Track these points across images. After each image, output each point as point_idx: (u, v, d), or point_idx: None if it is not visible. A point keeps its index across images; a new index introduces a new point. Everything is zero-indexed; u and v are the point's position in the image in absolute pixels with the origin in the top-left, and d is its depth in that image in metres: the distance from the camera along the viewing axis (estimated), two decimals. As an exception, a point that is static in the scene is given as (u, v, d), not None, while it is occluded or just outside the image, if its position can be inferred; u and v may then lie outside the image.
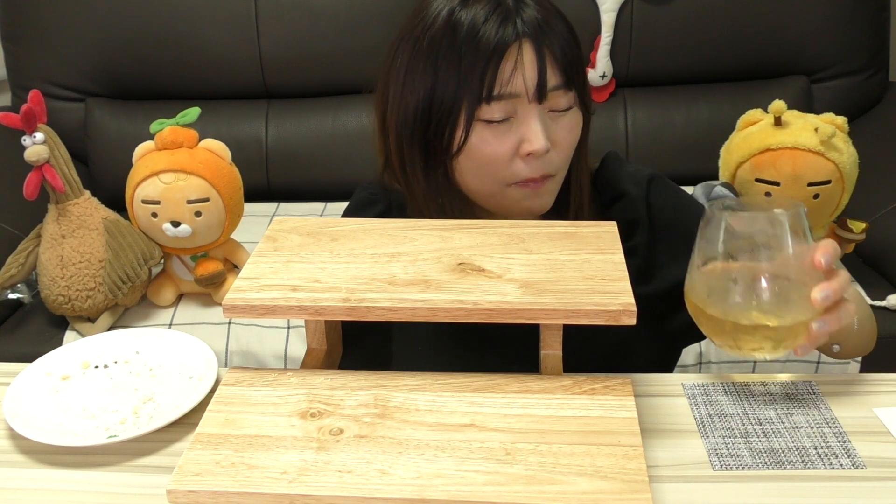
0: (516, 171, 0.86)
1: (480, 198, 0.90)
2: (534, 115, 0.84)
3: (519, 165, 0.85)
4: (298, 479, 0.59)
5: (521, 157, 0.85)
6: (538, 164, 0.85)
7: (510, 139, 0.85)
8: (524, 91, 0.83)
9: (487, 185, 0.88)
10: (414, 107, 0.86)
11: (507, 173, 0.86)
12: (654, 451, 0.69)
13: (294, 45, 2.08)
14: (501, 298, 0.68)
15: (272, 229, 0.81)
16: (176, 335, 0.87)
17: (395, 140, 0.90)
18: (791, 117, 1.51)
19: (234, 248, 1.64)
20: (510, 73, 0.82)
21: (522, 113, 0.84)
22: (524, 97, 0.83)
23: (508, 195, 0.88)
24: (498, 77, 0.82)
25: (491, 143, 0.84)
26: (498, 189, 0.88)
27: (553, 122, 0.86)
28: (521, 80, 0.83)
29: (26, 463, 0.72)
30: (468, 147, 0.85)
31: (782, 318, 0.69)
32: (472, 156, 0.85)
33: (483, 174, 0.87)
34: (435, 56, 0.84)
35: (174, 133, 1.52)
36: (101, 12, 2.06)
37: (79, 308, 1.53)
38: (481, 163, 0.86)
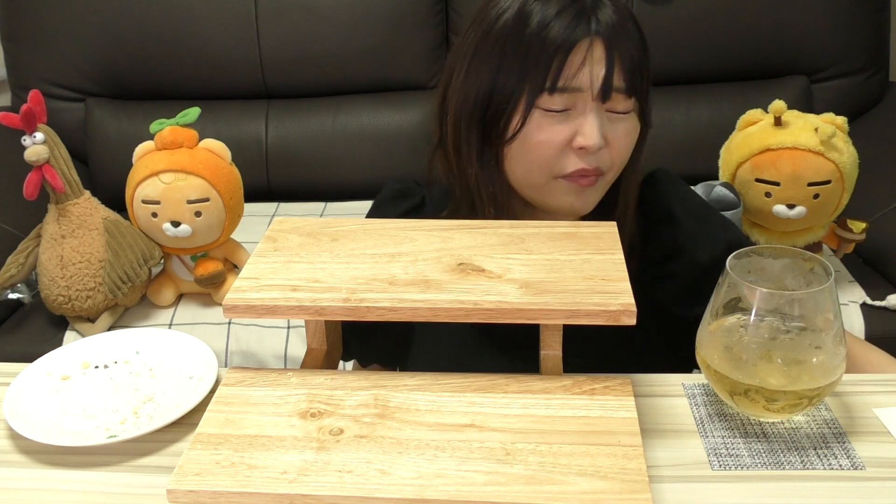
0: (565, 164, 0.86)
1: (527, 189, 0.90)
2: (592, 110, 0.85)
3: (569, 157, 0.86)
4: (298, 479, 0.59)
5: (572, 150, 0.85)
6: (589, 159, 0.86)
7: (565, 130, 0.85)
8: (588, 87, 0.84)
9: (535, 174, 0.88)
10: (476, 90, 0.87)
11: (556, 164, 0.86)
12: (654, 451, 0.69)
13: (294, 45, 2.08)
14: (501, 298, 0.68)
15: (272, 229, 0.81)
16: (176, 335, 0.87)
17: (454, 122, 0.90)
18: (791, 117, 1.51)
19: (234, 248, 1.64)
20: (578, 67, 0.83)
21: (582, 107, 0.85)
22: (587, 93, 0.84)
23: (555, 188, 0.88)
24: (565, 69, 0.83)
25: (545, 131, 0.85)
26: (545, 180, 0.88)
27: (610, 123, 0.86)
28: (587, 75, 0.83)
29: (26, 463, 0.72)
30: (523, 134, 0.86)
31: (795, 382, 0.68)
32: (526, 143, 0.86)
33: (533, 163, 0.87)
34: (503, 42, 0.85)
35: (174, 133, 1.52)
36: (101, 12, 2.06)
37: (79, 308, 1.53)
38: (533, 150, 0.86)
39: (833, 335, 0.68)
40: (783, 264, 0.73)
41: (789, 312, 0.69)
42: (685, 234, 0.94)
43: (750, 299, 0.69)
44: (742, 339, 0.70)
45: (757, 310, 0.69)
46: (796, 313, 0.69)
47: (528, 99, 0.84)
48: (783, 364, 0.68)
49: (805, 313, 0.68)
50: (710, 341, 0.71)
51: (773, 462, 0.68)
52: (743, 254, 0.72)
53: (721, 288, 0.71)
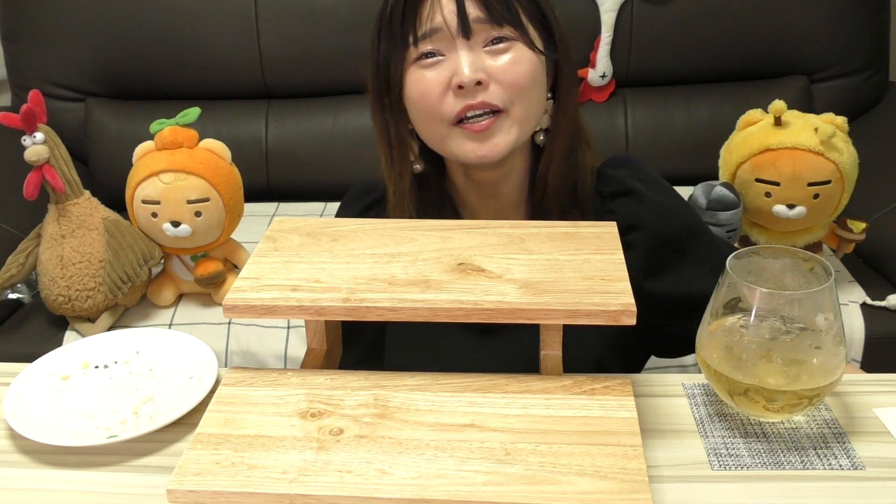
0: (452, 107, 0.87)
1: (433, 145, 0.92)
2: (463, 48, 0.86)
3: (452, 100, 0.87)
4: (298, 479, 0.59)
5: (453, 92, 0.87)
6: (472, 96, 0.86)
7: (441, 74, 0.87)
8: (445, 26, 0.86)
9: (433, 127, 0.90)
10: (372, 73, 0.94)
11: (444, 110, 0.87)
12: (654, 451, 0.69)
13: (294, 45, 2.08)
14: (501, 298, 0.68)
15: (272, 229, 0.81)
16: (176, 335, 0.87)
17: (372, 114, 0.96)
18: (791, 117, 1.51)
19: (234, 248, 1.64)
20: (429, 10, 0.86)
21: (451, 48, 0.87)
22: (446, 31, 0.86)
23: (454, 137, 0.89)
24: (418, 17, 0.86)
25: (423, 80, 0.88)
26: (444, 130, 0.89)
27: (490, 57, 0.87)
28: (440, 14, 0.86)
29: (26, 463, 0.72)
30: (406, 91, 0.89)
31: (794, 382, 0.68)
32: (411, 98, 0.89)
33: (424, 116, 0.89)
34: (380, 14, 0.91)
35: (174, 133, 1.52)
36: (101, 12, 2.06)
37: (79, 308, 1.53)
38: (419, 103, 0.89)
39: (833, 335, 0.68)
40: (783, 264, 0.73)
41: (789, 312, 0.69)
42: (646, 206, 0.94)
43: (750, 299, 0.69)
44: (742, 339, 0.70)
45: (757, 310, 0.69)
46: (796, 313, 0.69)
47: (399, 57, 0.88)
48: (783, 364, 0.68)
49: (805, 313, 0.68)
50: (710, 341, 0.71)
51: (773, 462, 0.68)
52: (743, 254, 0.72)
53: (721, 288, 0.71)
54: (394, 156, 0.94)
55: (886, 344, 1.54)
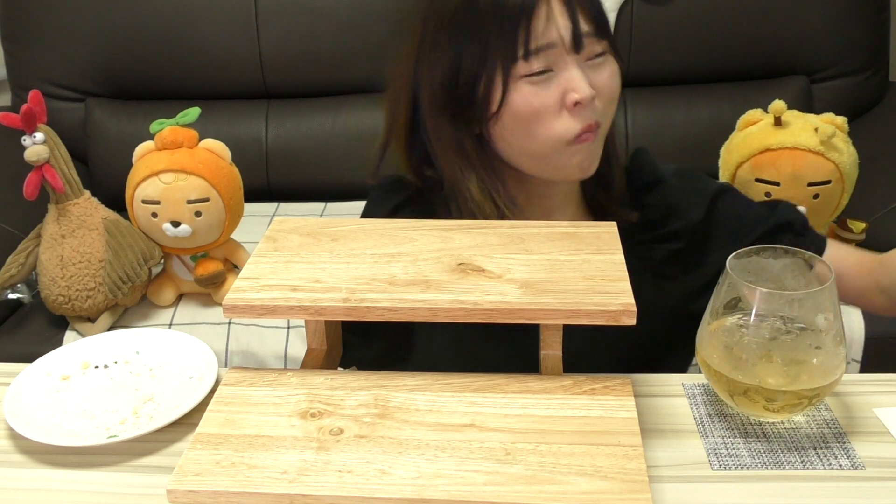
0: (568, 126, 0.85)
1: (529, 160, 0.89)
2: (573, 64, 0.84)
3: (567, 119, 0.85)
4: (298, 479, 0.59)
5: (567, 110, 0.85)
6: (587, 114, 0.85)
7: (553, 92, 0.84)
8: (560, 41, 0.83)
9: (538, 145, 0.87)
10: (441, 80, 0.87)
11: (558, 129, 0.85)
12: (654, 451, 0.69)
13: (294, 45, 2.08)
14: (501, 298, 0.68)
15: (272, 229, 0.81)
16: (176, 335, 0.87)
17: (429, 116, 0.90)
18: (791, 117, 1.51)
19: (234, 248, 1.64)
20: (543, 25, 0.82)
21: (561, 64, 0.84)
22: (560, 47, 0.83)
23: (562, 154, 0.87)
24: (532, 31, 0.82)
25: (534, 98, 0.84)
26: (549, 149, 0.87)
27: (593, 71, 0.86)
28: (555, 30, 0.83)
29: (26, 463, 0.72)
30: (511, 107, 0.85)
31: (794, 382, 0.68)
32: (518, 115, 0.85)
33: (531, 134, 0.86)
34: (460, 26, 0.85)
35: (174, 133, 1.52)
36: (101, 12, 2.06)
37: (79, 308, 1.53)
38: (528, 121, 0.85)
39: (833, 335, 0.68)
40: (783, 264, 0.73)
41: (789, 312, 0.69)
42: (675, 192, 0.96)
43: (750, 299, 0.69)
44: (742, 339, 0.70)
45: (757, 310, 0.69)
46: (796, 313, 0.69)
47: (504, 71, 0.84)
48: (783, 364, 0.68)
49: (805, 313, 0.68)
50: (710, 341, 0.71)
51: (773, 462, 0.68)
52: (743, 254, 0.72)
53: (721, 288, 0.71)
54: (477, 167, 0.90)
55: (886, 344, 1.54)
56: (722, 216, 0.96)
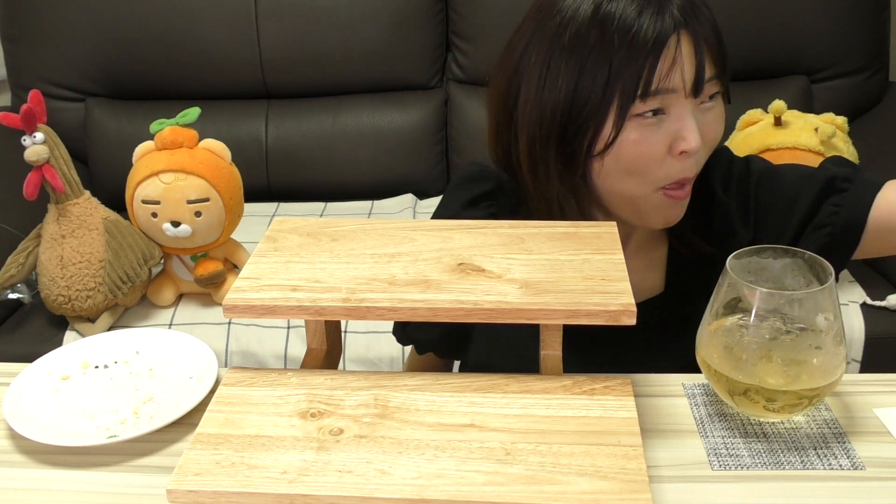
0: (669, 172, 0.82)
1: (621, 202, 0.86)
2: (688, 111, 0.80)
3: (671, 165, 0.82)
4: (298, 479, 0.59)
5: (673, 157, 0.81)
6: (690, 164, 0.82)
7: (663, 137, 0.81)
8: (682, 86, 0.79)
9: (634, 187, 0.84)
10: (553, 104, 0.82)
11: (659, 174, 0.82)
12: (654, 451, 0.69)
13: (294, 45, 2.09)
14: (501, 298, 0.68)
15: (272, 229, 0.81)
16: (176, 335, 0.87)
17: (528, 141, 0.85)
18: (791, 117, 1.51)
19: (234, 248, 1.64)
20: (669, 67, 0.78)
21: (676, 109, 0.80)
22: (681, 92, 0.80)
23: (653, 201, 0.84)
24: (657, 72, 0.78)
25: (643, 142, 0.81)
26: (644, 193, 0.84)
27: (702, 116, 0.82)
28: (679, 75, 0.79)
29: (26, 463, 0.72)
30: (618, 146, 0.81)
31: (794, 382, 0.68)
32: (623, 155, 0.81)
33: (632, 175, 0.83)
34: (582, 51, 0.80)
35: (174, 133, 1.52)
36: (101, 12, 2.06)
37: (79, 308, 1.53)
38: (632, 163, 0.82)
39: (833, 335, 0.68)
40: (783, 264, 0.73)
41: (789, 312, 0.69)
42: (726, 209, 0.92)
43: (750, 299, 0.69)
44: (742, 339, 0.70)
45: (757, 310, 0.69)
46: (796, 313, 0.69)
47: (620, 108, 0.79)
48: (783, 364, 0.68)
49: (805, 313, 0.68)
50: (710, 341, 0.71)
51: (773, 462, 0.68)
52: (743, 254, 0.72)
53: (721, 288, 0.71)
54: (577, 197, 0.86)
55: (886, 344, 1.54)
56: (762, 224, 0.92)
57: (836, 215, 0.88)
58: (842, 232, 0.87)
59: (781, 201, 0.91)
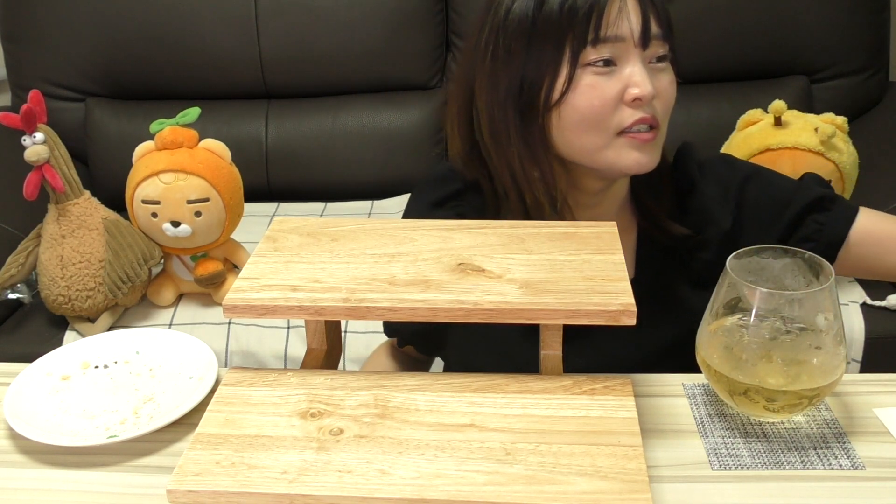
0: (623, 118, 0.86)
1: (583, 154, 0.89)
2: (638, 59, 0.85)
3: (624, 111, 0.86)
4: (298, 479, 0.59)
5: (626, 104, 0.85)
6: (646, 109, 0.86)
7: (616, 84, 0.85)
8: (629, 34, 0.84)
9: (593, 136, 0.87)
10: (509, 61, 0.87)
11: (613, 121, 0.86)
12: (654, 451, 0.69)
13: (294, 45, 2.08)
14: (501, 298, 0.68)
15: (272, 229, 0.81)
16: (176, 335, 0.87)
17: (487, 105, 0.90)
18: (791, 117, 1.51)
19: (234, 248, 1.64)
20: (616, 15, 0.84)
21: (626, 58, 0.85)
22: (629, 41, 0.84)
23: (616, 146, 0.87)
24: (604, 18, 0.84)
25: (596, 89, 0.85)
26: (605, 140, 0.87)
27: (654, 73, 0.87)
28: (626, 23, 0.84)
29: (26, 463, 0.72)
30: (573, 96, 0.85)
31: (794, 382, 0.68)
32: (578, 104, 0.86)
33: (588, 124, 0.86)
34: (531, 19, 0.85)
35: (174, 133, 1.52)
36: (101, 12, 2.06)
37: (79, 308, 1.53)
38: (587, 111, 0.86)
39: (833, 335, 0.68)
40: (783, 264, 0.73)
41: (789, 312, 0.69)
42: (708, 197, 0.95)
43: (750, 299, 0.69)
44: (742, 339, 0.70)
45: (757, 310, 0.69)
46: (796, 313, 0.69)
47: (572, 55, 0.84)
48: (783, 364, 0.68)
49: (805, 313, 0.68)
50: (710, 341, 0.71)
51: (773, 462, 0.68)
52: (743, 254, 0.72)
53: (721, 288, 0.71)
54: (542, 163, 0.90)
55: (886, 344, 1.54)
56: (748, 218, 0.95)
57: (819, 232, 0.92)
58: (823, 248, 0.92)
59: (773, 203, 0.95)
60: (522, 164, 0.89)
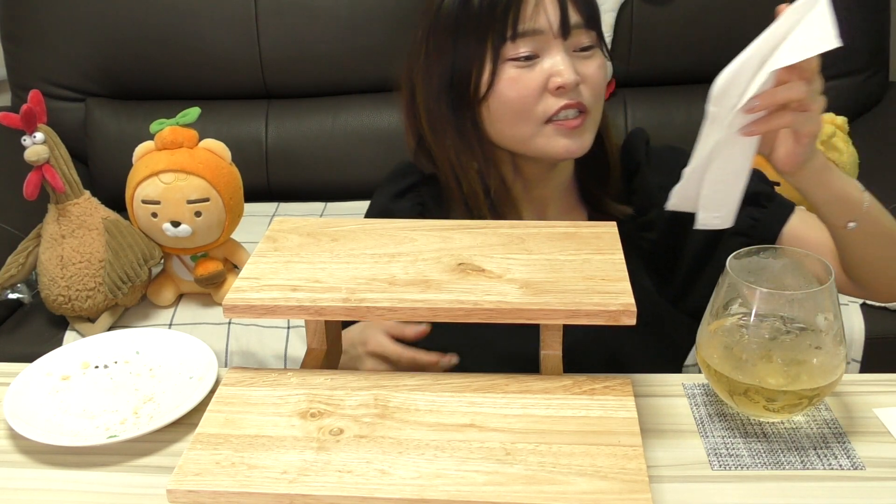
0: (548, 107, 0.88)
1: (515, 143, 0.92)
2: (559, 49, 0.88)
3: (550, 100, 0.88)
4: (298, 479, 0.59)
5: (550, 93, 0.88)
6: (570, 95, 0.88)
7: (538, 76, 0.88)
8: (548, 27, 0.87)
9: (522, 126, 0.90)
10: (440, 59, 0.91)
11: (539, 110, 0.89)
12: (654, 451, 0.69)
13: (294, 45, 2.08)
14: (501, 298, 0.68)
15: (272, 229, 0.81)
16: (176, 335, 0.87)
17: (425, 100, 0.94)
18: (791, 117, 1.50)
19: (234, 248, 1.64)
20: (532, 9, 0.87)
21: (548, 50, 0.88)
22: (548, 33, 0.87)
23: (545, 134, 0.90)
24: (521, 13, 0.87)
25: (519, 81, 0.88)
26: (534, 129, 0.90)
27: (579, 62, 0.89)
28: (543, 16, 0.87)
29: (26, 463, 0.72)
30: (498, 89, 0.89)
31: (794, 382, 0.68)
32: (504, 96, 0.89)
33: (515, 115, 0.90)
34: (456, 16, 0.89)
35: (174, 133, 1.52)
36: (101, 12, 2.06)
37: (79, 308, 1.53)
38: (513, 102, 0.89)
39: (833, 335, 0.68)
40: (783, 264, 0.73)
41: (789, 312, 0.69)
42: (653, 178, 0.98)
43: (750, 299, 0.69)
44: (742, 339, 0.70)
45: (757, 310, 0.69)
46: (796, 313, 0.69)
47: (494, 53, 0.88)
48: (783, 364, 0.68)
49: (805, 313, 0.68)
50: (710, 341, 0.71)
51: (773, 462, 0.68)
52: (743, 254, 0.72)
53: (721, 288, 0.71)
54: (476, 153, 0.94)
55: (886, 344, 1.54)
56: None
57: (753, 228, 0.94)
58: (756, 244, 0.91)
59: None
60: (458, 155, 0.93)
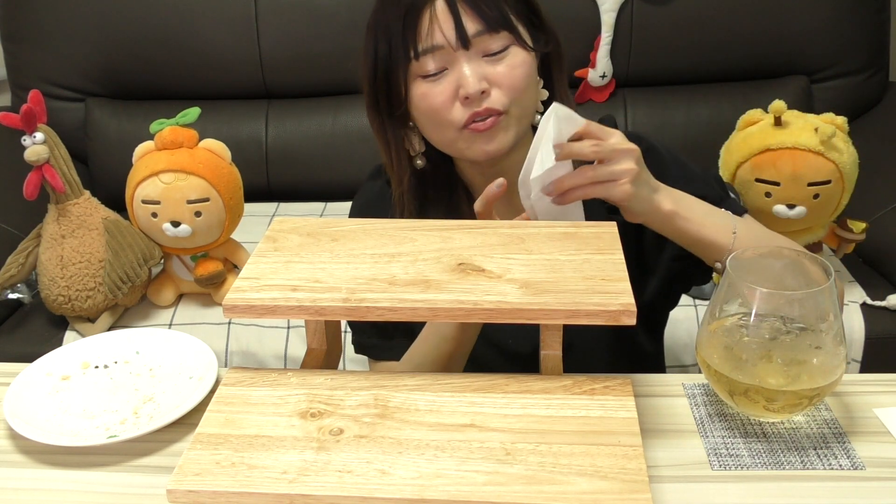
0: (460, 115, 0.91)
1: (444, 146, 0.97)
2: (462, 61, 0.90)
3: (459, 110, 0.91)
4: (298, 479, 0.59)
5: (460, 102, 0.91)
6: (476, 104, 0.91)
7: (447, 87, 0.91)
8: (445, 42, 0.89)
9: (444, 133, 0.94)
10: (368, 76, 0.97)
11: (454, 118, 0.92)
12: (654, 451, 0.69)
13: (294, 45, 2.08)
14: (501, 298, 0.68)
15: (272, 229, 0.81)
16: (176, 335, 0.87)
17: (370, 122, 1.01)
18: (791, 117, 1.50)
19: (234, 248, 1.64)
20: (427, 27, 0.89)
21: (453, 62, 0.91)
22: (448, 47, 0.90)
23: (464, 139, 0.93)
24: (418, 33, 0.90)
25: (429, 95, 0.92)
26: (454, 134, 0.93)
27: (490, 65, 0.91)
28: (439, 32, 0.89)
29: (26, 463, 0.72)
30: (413, 103, 0.94)
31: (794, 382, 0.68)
32: (419, 108, 0.93)
33: (434, 124, 0.94)
34: (374, 26, 0.95)
35: (174, 133, 1.52)
36: (101, 12, 2.06)
37: (79, 308, 1.53)
38: (429, 114, 0.93)
39: (833, 335, 0.68)
40: (783, 264, 0.73)
41: (789, 312, 0.69)
42: None
43: (750, 299, 0.69)
44: (742, 339, 0.70)
45: (757, 310, 0.69)
46: (796, 313, 0.69)
47: (403, 70, 0.92)
48: (783, 364, 0.68)
49: (805, 313, 0.68)
50: (710, 341, 0.71)
51: (773, 462, 0.68)
52: (744, 254, 0.72)
53: (721, 288, 0.71)
54: (393, 158, 0.99)
55: (886, 344, 1.54)
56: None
57: None
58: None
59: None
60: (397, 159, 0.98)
